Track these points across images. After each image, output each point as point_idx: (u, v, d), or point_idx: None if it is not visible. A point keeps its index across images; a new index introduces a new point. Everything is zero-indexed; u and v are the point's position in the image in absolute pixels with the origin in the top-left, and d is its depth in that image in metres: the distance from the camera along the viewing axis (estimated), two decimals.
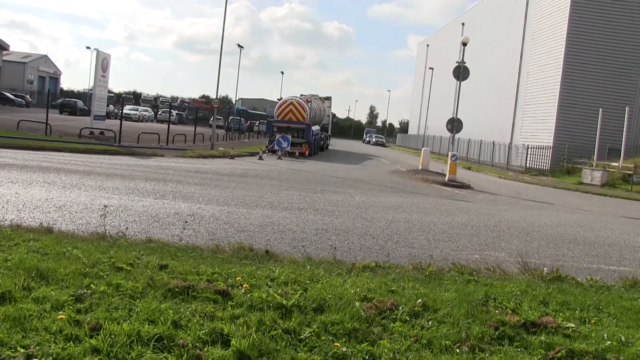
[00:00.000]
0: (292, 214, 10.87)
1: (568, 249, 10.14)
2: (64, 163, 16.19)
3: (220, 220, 9.48)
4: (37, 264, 5.03)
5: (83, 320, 3.90)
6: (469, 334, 4.41)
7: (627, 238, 12.21)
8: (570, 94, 37.32)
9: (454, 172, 24.10)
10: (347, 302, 4.83)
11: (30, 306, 4.08)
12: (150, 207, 10.02)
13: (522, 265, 7.30)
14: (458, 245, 9.39)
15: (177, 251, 6.48)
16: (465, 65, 25.58)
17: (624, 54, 36.79)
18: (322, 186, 17.20)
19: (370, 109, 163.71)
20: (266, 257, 6.69)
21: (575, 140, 36.21)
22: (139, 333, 3.74)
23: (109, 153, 21.70)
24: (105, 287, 4.66)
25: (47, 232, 6.82)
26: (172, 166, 19.11)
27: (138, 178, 14.33)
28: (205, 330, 3.94)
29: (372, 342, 4.13)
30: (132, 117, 57.57)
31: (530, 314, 5.00)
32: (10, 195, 9.78)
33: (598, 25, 36.97)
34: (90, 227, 7.80)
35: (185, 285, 4.83)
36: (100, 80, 28.36)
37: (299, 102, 33.80)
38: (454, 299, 5.27)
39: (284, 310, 4.56)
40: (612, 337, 4.61)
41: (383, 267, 6.70)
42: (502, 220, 13.08)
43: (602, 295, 6.19)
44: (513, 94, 45.97)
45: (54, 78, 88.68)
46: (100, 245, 6.31)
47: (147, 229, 8.13)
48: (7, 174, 12.50)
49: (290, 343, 3.97)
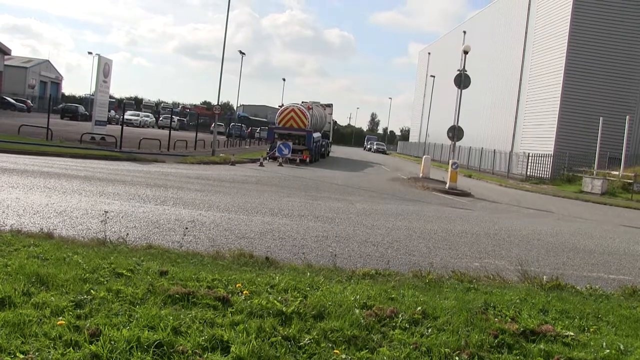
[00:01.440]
0: (293, 221, 10.88)
1: (568, 257, 10.13)
2: (64, 168, 16.22)
3: (220, 226, 9.49)
4: (37, 270, 5.04)
5: (83, 326, 3.91)
6: (469, 342, 4.41)
7: (626, 247, 12.21)
8: (571, 102, 37.38)
9: (455, 180, 24.10)
10: (347, 310, 4.83)
11: (29, 312, 4.08)
12: (151, 213, 10.03)
13: (521, 274, 7.30)
14: (458, 253, 9.39)
15: (178, 257, 6.48)
16: (466, 73, 25.62)
17: (625, 63, 36.87)
18: (322, 193, 17.21)
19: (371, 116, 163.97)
20: (266, 263, 6.70)
21: (576, 149, 36.23)
22: (138, 339, 3.74)
23: (110, 159, 21.73)
24: (105, 293, 4.66)
25: (48, 238, 6.83)
26: (173, 172, 19.13)
27: (139, 184, 14.35)
28: (205, 336, 3.94)
29: (371, 350, 4.13)
30: (134, 123, 57.59)
31: (530, 322, 5.00)
32: (10, 200, 9.80)
33: (599, 35, 37.07)
34: (90, 232, 7.80)
35: (186, 291, 4.83)
36: (102, 85, 28.40)
37: (300, 109, 33.86)
38: (453, 306, 5.27)
39: (284, 317, 4.56)
40: (611, 345, 4.60)
41: (383, 275, 6.70)
42: (502, 228, 13.08)
43: (601, 304, 6.19)
44: (514, 102, 46.03)
45: (56, 83, 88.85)
46: (101, 251, 6.32)
47: (148, 235, 8.13)
48: (8, 179, 12.52)
49: (290, 350, 3.97)
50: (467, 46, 27.41)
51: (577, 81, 37.28)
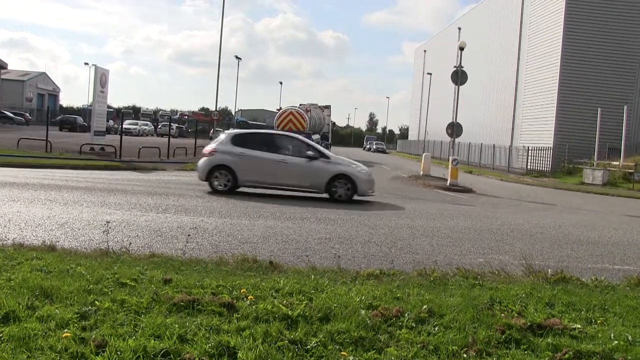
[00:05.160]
0: (295, 224, 10.87)
1: (572, 249, 10.12)
2: (65, 180, 16.21)
3: (223, 232, 9.48)
4: (41, 283, 5.02)
5: (88, 338, 3.89)
6: (476, 339, 4.40)
7: (630, 237, 12.19)
8: (569, 94, 37.38)
9: (456, 177, 24.09)
10: (353, 311, 4.82)
11: (34, 325, 4.06)
12: (153, 222, 10.02)
13: (526, 268, 7.29)
14: (462, 250, 9.37)
15: (181, 265, 6.47)
16: (463, 70, 25.63)
17: (621, 53, 36.88)
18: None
19: (369, 116, 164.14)
20: (270, 268, 6.68)
21: (575, 141, 36.23)
22: (145, 349, 3.73)
23: (110, 168, 21.71)
24: (109, 304, 4.65)
25: (50, 250, 6.81)
26: (173, 180, 19.13)
27: (140, 193, 14.34)
28: (212, 343, 3.93)
29: (379, 350, 4.11)
30: (132, 132, 57.50)
31: (536, 316, 4.99)
32: (12, 213, 9.78)
33: (594, 25, 37.08)
34: (93, 243, 7.79)
35: (190, 299, 4.82)
36: (99, 95, 28.39)
37: (299, 111, 33.91)
38: (459, 303, 5.25)
39: (290, 320, 4.55)
40: (619, 336, 4.59)
41: (387, 274, 6.68)
42: (505, 223, 13.07)
43: (607, 295, 6.17)
44: (512, 97, 46.05)
45: (53, 95, 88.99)
46: (104, 261, 6.31)
47: (150, 244, 8.12)
48: (9, 193, 12.52)
49: (297, 354, 3.96)
50: (463, 42, 27.39)
51: (573, 73, 37.28)
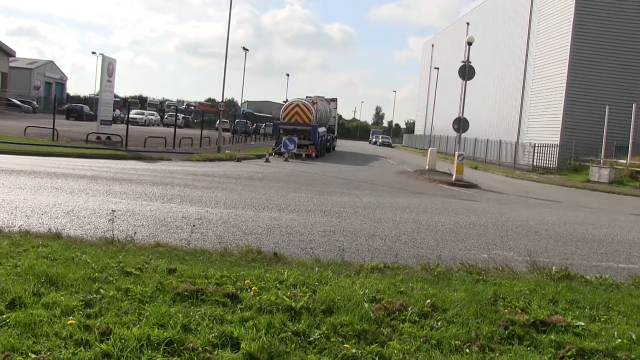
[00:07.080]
0: (300, 216, 10.88)
1: (576, 247, 10.09)
2: (71, 168, 16.27)
3: (228, 223, 9.50)
4: (47, 270, 5.06)
5: (93, 325, 3.92)
6: (479, 334, 4.40)
7: (635, 235, 12.14)
8: (577, 91, 37.13)
9: (461, 172, 24.04)
10: (356, 304, 4.83)
11: (40, 312, 4.10)
12: (158, 211, 10.05)
13: (530, 264, 7.27)
14: (466, 245, 9.37)
15: (186, 255, 6.49)
16: (470, 65, 25.50)
17: (631, 50, 36.57)
18: (329, 187, 17.21)
19: (376, 110, 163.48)
20: (274, 259, 6.70)
21: (583, 138, 36.01)
22: (149, 337, 3.75)
23: (116, 158, 21.79)
24: (114, 292, 4.67)
25: (56, 238, 6.85)
26: (179, 170, 19.17)
27: (145, 182, 14.38)
28: (215, 333, 3.95)
29: (381, 343, 4.12)
30: (139, 122, 57.65)
31: (540, 312, 4.98)
32: (18, 201, 9.84)
33: (604, 22, 36.79)
34: (98, 232, 7.83)
35: (194, 288, 4.84)
36: (107, 85, 28.45)
37: (305, 104, 33.81)
38: (462, 298, 5.26)
39: (293, 312, 4.56)
40: (622, 335, 4.58)
41: (391, 268, 6.69)
42: (509, 219, 13.04)
43: (611, 293, 6.16)
44: (519, 93, 45.79)
45: (60, 84, 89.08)
46: (109, 250, 6.34)
47: (155, 233, 8.15)
48: (15, 180, 12.57)
49: (300, 345, 3.97)
50: (471, 37, 27.24)
51: (582, 70, 37.01)
